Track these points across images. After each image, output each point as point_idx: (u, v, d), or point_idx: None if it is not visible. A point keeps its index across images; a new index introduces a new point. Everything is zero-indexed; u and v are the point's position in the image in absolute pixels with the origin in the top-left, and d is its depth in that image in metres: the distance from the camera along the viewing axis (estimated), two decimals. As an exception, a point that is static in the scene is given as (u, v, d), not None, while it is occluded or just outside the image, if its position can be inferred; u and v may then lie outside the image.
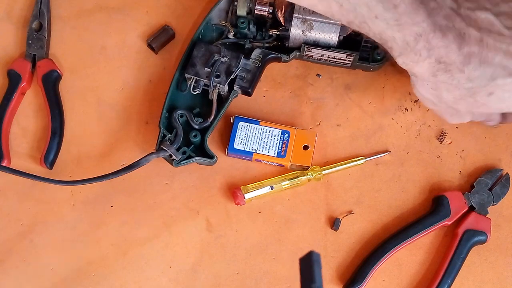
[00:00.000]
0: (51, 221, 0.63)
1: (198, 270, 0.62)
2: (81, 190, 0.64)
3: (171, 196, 0.64)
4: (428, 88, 0.53)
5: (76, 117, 0.67)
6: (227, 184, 0.64)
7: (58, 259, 0.62)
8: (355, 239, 0.62)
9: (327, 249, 0.62)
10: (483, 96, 0.50)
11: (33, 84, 0.68)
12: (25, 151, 0.66)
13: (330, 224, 0.63)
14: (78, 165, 0.65)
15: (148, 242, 0.63)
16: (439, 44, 0.47)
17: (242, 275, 0.61)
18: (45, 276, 0.62)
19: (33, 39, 0.68)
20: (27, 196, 0.64)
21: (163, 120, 0.63)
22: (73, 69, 0.68)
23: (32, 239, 0.63)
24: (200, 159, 0.62)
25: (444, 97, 0.52)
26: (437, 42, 0.47)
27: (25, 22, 0.69)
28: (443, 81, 0.50)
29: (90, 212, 0.64)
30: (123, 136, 0.66)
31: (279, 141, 0.63)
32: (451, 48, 0.47)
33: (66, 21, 0.70)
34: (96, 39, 0.69)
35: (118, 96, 0.67)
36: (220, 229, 0.63)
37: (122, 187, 0.64)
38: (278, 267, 0.62)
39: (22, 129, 0.67)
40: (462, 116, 0.56)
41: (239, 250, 0.62)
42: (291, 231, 0.63)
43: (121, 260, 0.62)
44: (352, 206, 0.63)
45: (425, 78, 0.51)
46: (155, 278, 0.61)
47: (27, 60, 0.67)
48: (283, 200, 0.64)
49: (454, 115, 0.56)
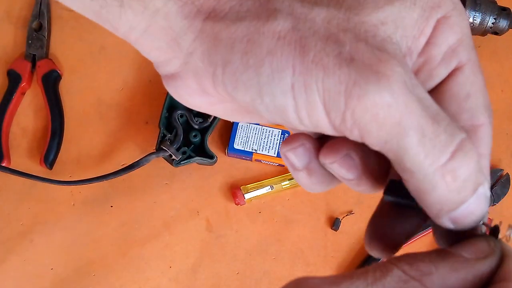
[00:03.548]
0: (51, 221, 0.63)
1: (198, 270, 0.62)
2: (81, 190, 0.64)
3: (171, 196, 0.64)
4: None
5: (76, 117, 0.67)
6: (227, 184, 0.64)
7: (58, 259, 0.62)
8: (355, 239, 0.62)
9: (327, 249, 0.62)
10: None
11: (33, 84, 0.68)
12: (25, 151, 0.66)
13: (330, 224, 0.63)
14: (78, 165, 0.65)
15: (148, 242, 0.62)
16: None
17: (242, 275, 0.61)
18: (45, 276, 0.61)
19: (33, 39, 0.68)
20: (27, 196, 0.64)
21: (163, 120, 0.63)
22: (73, 69, 0.68)
23: (32, 239, 0.63)
24: (200, 159, 0.62)
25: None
26: None
27: (25, 22, 0.69)
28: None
29: (90, 212, 0.63)
30: (123, 136, 0.66)
31: (279, 141, 0.63)
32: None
33: (66, 21, 0.70)
34: (96, 39, 0.69)
35: (118, 96, 0.67)
36: (220, 229, 0.63)
37: (122, 187, 0.64)
38: (278, 267, 0.62)
39: (22, 129, 0.66)
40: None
41: (239, 250, 0.62)
42: (291, 231, 0.63)
43: (121, 260, 0.62)
44: (352, 206, 0.63)
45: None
46: (155, 278, 0.61)
47: (27, 60, 0.67)
48: (283, 200, 0.64)
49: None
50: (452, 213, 0.23)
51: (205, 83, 0.26)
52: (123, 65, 0.68)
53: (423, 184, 0.23)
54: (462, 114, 0.26)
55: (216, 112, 0.30)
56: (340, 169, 0.26)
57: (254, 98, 0.24)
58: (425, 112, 0.22)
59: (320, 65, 0.23)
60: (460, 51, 0.26)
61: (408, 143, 0.22)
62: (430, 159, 0.22)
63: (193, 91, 0.27)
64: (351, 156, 0.25)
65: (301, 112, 0.24)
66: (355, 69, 0.22)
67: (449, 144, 0.22)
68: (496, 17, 0.63)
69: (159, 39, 0.26)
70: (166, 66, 0.27)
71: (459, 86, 0.26)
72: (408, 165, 0.23)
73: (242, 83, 0.24)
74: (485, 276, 0.23)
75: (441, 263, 0.22)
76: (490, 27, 0.64)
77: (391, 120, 0.22)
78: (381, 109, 0.22)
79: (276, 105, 0.24)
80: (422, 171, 0.22)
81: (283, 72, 0.23)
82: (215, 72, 0.25)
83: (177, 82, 0.27)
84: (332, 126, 0.24)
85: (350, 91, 0.22)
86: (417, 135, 0.22)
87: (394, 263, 0.23)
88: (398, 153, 0.23)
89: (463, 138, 0.23)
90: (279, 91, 0.24)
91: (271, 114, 0.25)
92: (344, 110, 0.22)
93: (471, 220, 0.24)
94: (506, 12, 0.64)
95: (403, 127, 0.22)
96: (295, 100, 0.23)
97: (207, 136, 0.62)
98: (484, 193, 0.24)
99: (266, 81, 0.24)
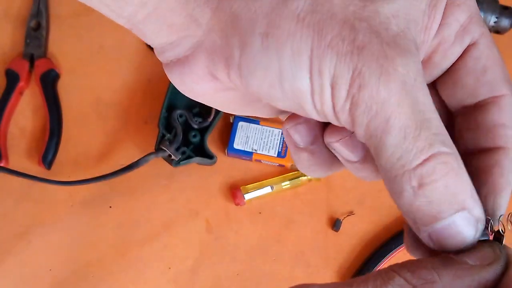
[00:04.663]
0: (49, 222, 0.63)
1: (197, 272, 0.61)
2: (79, 190, 0.63)
3: (170, 197, 0.64)
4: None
5: (75, 117, 0.66)
6: (227, 185, 0.64)
7: (56, 260, 0.62)
8: (356, 240, 0.62)
9: (328, 250, 0.62)
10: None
11: (31, 84, 0.67)
12: (23, 151, 0.65)
13: (331, 225, 0.62)
14: (77, 166, 0.65)
15: (147, 243, 0.62)
16: None
17: (242, 276, 0.61)
18: (43, 277, 0.61)
19: (31, 38, 0.67)
20: (25, 197, 0.63)
21: (162, 120, 0.62)
22: (71, 69, 0.68)
23: (30, 240, 0.62)
24: (200, 159, 0.62)
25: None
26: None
27: (23, 21, 0.69)
28: None
29: (89, 212, 0.63)
30: (122, 136, 0.66)
31: (280, 141, 0.63)
32: None
33: (65, 20, 0.70)
34: (95, 38, 0.69)
35: (117, 96, 0.67)
36: (219, 230, 0.62)
37: (120, 187, 0.64)
38: (278, 268, 0.61)
39: (20, 129, 0.66)
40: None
41: (239, 251, 0.62)
42: (292, 232, 0.62)
43: (119, 261, 0.62)
44: (353, 207, 0.63)
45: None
46: (154, 279, 0.61)
47: (25, 60, 0.67)
48: (284, 200, 0.63)
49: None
50: (426, 228, 0.23)
51: (218, 65, 0.25)
52: (122, 64, 0.68)
53: (393, 185, 0.23)
54: (481, 88, 0.26)
55: (216, 102, 0.29)
56: (344, 150, 0.26)
57: (272, 83, 0.24)
58: (414, 115, 0.22)
59: (335, 50, 0.22)
60: (471, 27, 0.26)
61: (388, 141, 0.22)
62: (403, 160, 0.22)
63: (199, 76, 0.26)
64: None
65: (315, 97, 0.24)
66: (363, 60, 0.22)
67: (424, 152, 0.22)
68: (498, 16, 0.63)
69: (173, 14, 0.25)
70: (175, 48, 0.26)
71: (474, 60, 0.26)
72: (382, 162, 0.23)
73: (261, 67, 0.24)
74: (490, 284, 0.22)
75: (444, 270, 0.22)
76: (492, 26, 0.64)
77: (381, 116, 0.22)
78: (375, 103, 0.22)
79: (294, 90, 0.24)
80: (393, 171, 0.23)
81: (303, 55, 0.23)
82: (232, 54, 0.24)
83: (183, 68, 0.26)
84: (333, 113, 0.24)
85: (354, 80, 0.22)
86: (399, 135, 0.22)
87: (395, 270, 0.22)
88: (378, 149, 0.23)
89: (444, 151, 0.22)
90: (299, 75, 0.23)
91: (286, 100, 0.24)
92: (345, 98, 0.23)
93: (452, 243, 0.23)
94: (508, 11, 0.64)
95: (389, 125, 0.22)
96: (312, 85, 0.23)
97: (206, 136, 0.62)
98: (467, 218, 0.23)
99: (287, 65, 0.23)
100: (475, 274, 0.22)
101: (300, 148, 0.27)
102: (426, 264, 0.22)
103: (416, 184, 0.22)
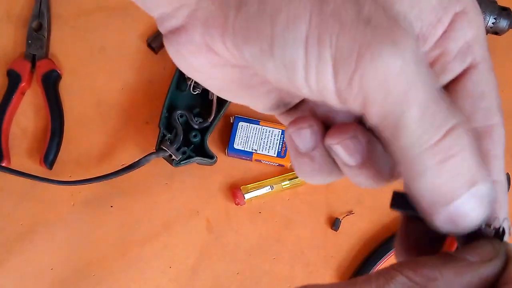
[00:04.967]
0: (51, 221, 0.63)
1: (198, 271, 0.61)
2: (80, 190, 0.64)
3: (171, 196, 0.64)
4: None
5: (76, 117, 0.67)
6: (227, 184, 0.64)
7: (58, 259, 0.62)
8: (355, 240, 0.62)
9: (327, 250, 0.62)
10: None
11: (32, 84, 0.68)
12: (25, 151, 0.65)
13: (330, 224, 0.63)
14: (78, 165, 0.65)
15: (148, 243, 0.62)
16: None
17: (242, 275, 0.61)
18: (45, 276, 0.61)
19: (33, 39, 0.68)
20: (27, 197, 0.64)
21: (163, 120, 0.63)
22: (73, 69, 0.68)
23: (32, 240, 0.63)
24: (200, 159, 0.62)
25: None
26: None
27: (25, 21, 0.69)
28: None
29: (90, 212, 0.63)
30: (123, 136, 0.66)
31: (279, 141, 0.63)
32: None
33: (66, 21, 0.70)
34: (96, 39, 0.69)
35: (118, 96, 0.67)
36: (220, 230, 0.63)
37: (122, 187, 0.64)
38: (278, 267, 0.61)
39: (22, 129, 0.66)
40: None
41: (239, 250, 0.62)
42: (291, 231, 0.62)
43: (120, 261, 0.62)
44: (352, 206, 0.63)
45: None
46: (155, 278, 0.61)
47: (26, 60, 0.67)
48: (283, 200, 0.64)
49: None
50: (445, 209, 0.22)
51: (213, 34, 0.24)
52: (123, 65, 0.68)
53: (414, 165, 0.22)
54: (476, 114, 0.25)
55: (213, 80, 0.28)
56: (343, 152, 0.25)
57: (264, 49, 0.23)
58: (430, 88, 0.21)
59: (338, 20, 0.21)
60: (475, 48, 0.25)
61: (409, 118, 0.21)
62: (426, 136, 0.21)
63: (196, 48, 0.26)
64: (357, 138, 0.25)
65: (310, 70, 0.22)
66: (371, 31, 0.21)
67: (443, 126, 0.21)
68: (496, 17, 0.63)
69: None
70: (172, 18, 0.26)
71: (474, 84, 0.25)
72: (403, 142, 0.21)
73: (254, 32, 0.23)
74: (490, 280, 0.22)
75: (445, 267, 0.22)
76: (490, 27, 0.64)
77: (398, 89, 0.21)
78: (391, 75, 0.21)
79: (285, 59, 0.22)
80: (415, 149, 0.21)
81: (299, 22, 0.22)
82: (227, 17, 0.23)
83: (180, 37, 0.26)
84: (336, 91, 0.22)
85: (363, 52, 0.21)
86: (420, 110, 0.21)
87: (397, 269, 0.22)
88: (396, 128, 0.21)
89: (459, 123, 0.22)
90: (291, 42, 0.22)
91: (277, 72, 0.23)
92: (353, 71, 0.21)
93: (466, 222, 0.22)
94: (506, 12, 0.64)
95: (408, 99, 0.21)
96: (307, 55, 0.22)
97: (207, 136, 0.62)
98: (481, 194, 0.22)
99: (280, 31, 0.22)
100: (476, 270, 0.22)
101: (301, 153, 0.27)
102: (427, 262, 0.22)
103: (439, 160, 0.21)
